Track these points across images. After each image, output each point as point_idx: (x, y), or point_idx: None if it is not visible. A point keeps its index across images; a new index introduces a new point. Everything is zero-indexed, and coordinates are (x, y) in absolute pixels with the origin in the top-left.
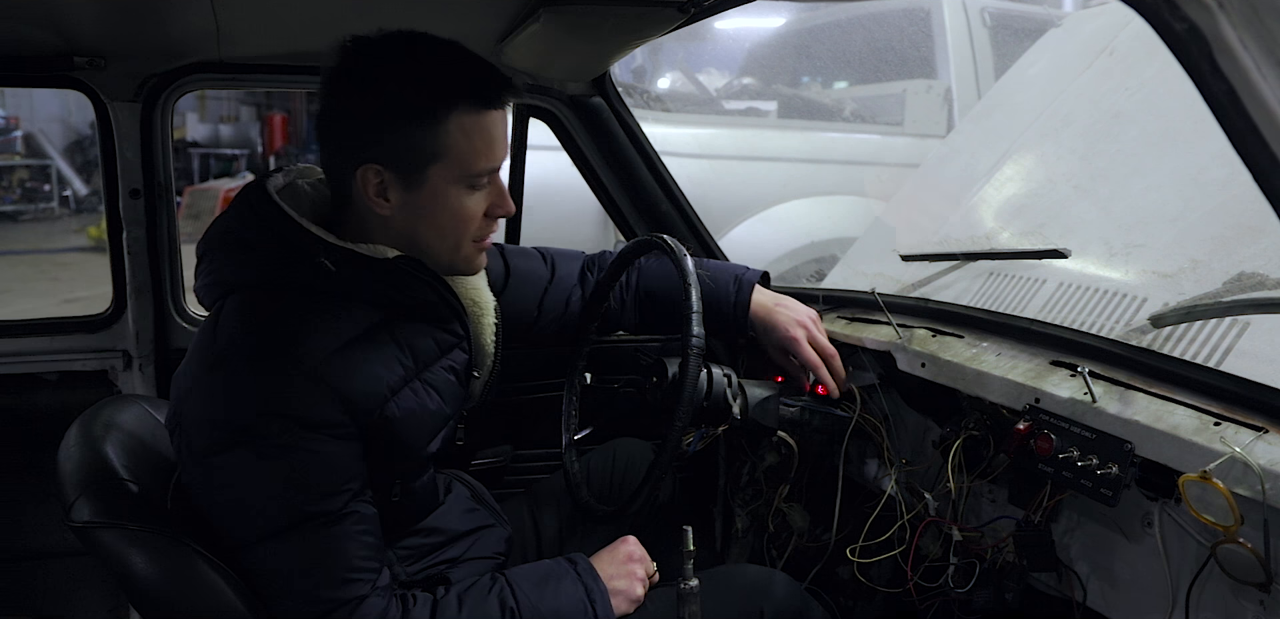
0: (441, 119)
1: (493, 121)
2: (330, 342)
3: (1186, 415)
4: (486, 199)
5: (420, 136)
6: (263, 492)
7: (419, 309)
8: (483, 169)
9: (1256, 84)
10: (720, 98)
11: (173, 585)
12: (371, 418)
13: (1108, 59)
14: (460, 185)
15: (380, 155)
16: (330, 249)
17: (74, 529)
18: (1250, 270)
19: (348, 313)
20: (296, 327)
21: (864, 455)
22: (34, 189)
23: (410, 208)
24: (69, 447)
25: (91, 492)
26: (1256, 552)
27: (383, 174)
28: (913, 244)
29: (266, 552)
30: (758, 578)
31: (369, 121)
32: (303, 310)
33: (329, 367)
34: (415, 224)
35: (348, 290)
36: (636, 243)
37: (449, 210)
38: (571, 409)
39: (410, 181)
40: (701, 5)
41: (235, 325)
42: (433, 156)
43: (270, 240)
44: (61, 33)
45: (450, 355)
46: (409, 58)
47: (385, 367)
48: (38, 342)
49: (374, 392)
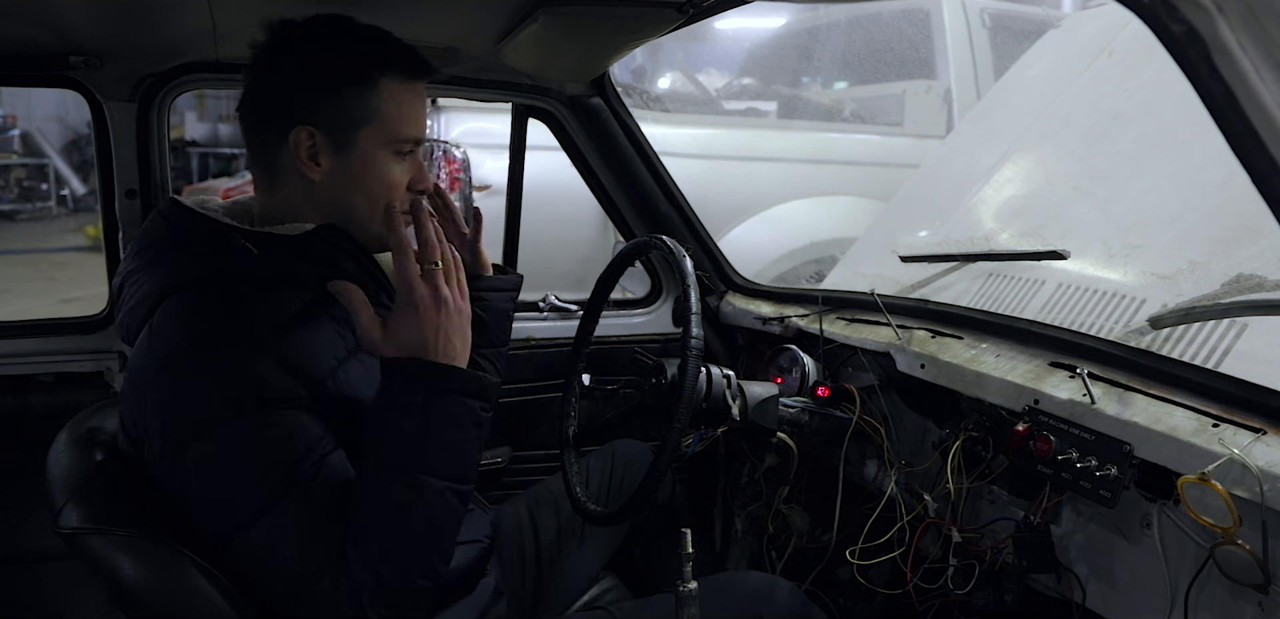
0: (373, 83)
1: (418, 93)
2: (270, 321)
3: (1185, 417)
4: (410, 170)
5: (352, 100)
6: (235, 477)
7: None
8: (409, 136)
9: (1254, 86)
10: (720, 98)
11: (162, 590)
12: (325, 387)
13: (1106, 60)
14: (387, 151)
15: (313, 118)
16: (247, 234)
17: (62, 535)
18: (1249, 272)
19: (278, 296)
20: (233, 311)
21: (864, 456)
22: (31, 188)
23: (340, 172)
24: (57, 453)
25: (79, 497)
26: (1255, 553)
27: (315, 136)
28: (912, 245)
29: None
30: (759, 585)
31: (303, 86)
32: (234, 297)
33: (276, 342)
34: (345, 189)
35: (273, 273)
36: (635, 243)
37: (376, 175)
38: (570, 410)
39: (341, 143)
40: (701, 6)
41: (172, 325)
42: (364, 119)
43: (188, 242)
44: (57, 32)
45: None
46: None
47: (325, 341)
48: (33, 343)
49: (321, 363)
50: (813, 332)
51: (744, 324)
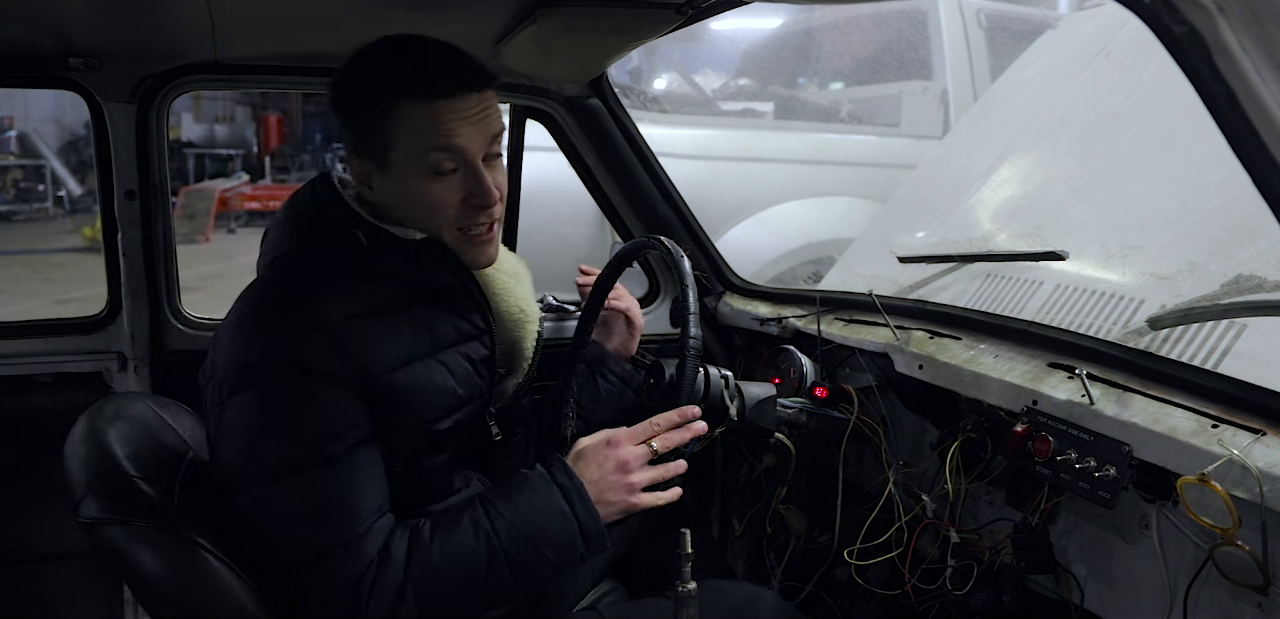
0: (386, 110)
1: (442, 110)
2: (347, 307)
3: (1184, 417)
4: (461, 187)
5: (374, 128)
6: (264, 433)
7: (439, 293)
8: (438, 155)
9: (1255, 87)
10: (717, 99)
11: (180, 582)
12: (378, 381)
13: (1104, 61)
14: (420, 171)
15: (354, 146)
16: (364, 224)
17: (81, 525)
18: (1248, 273)
19: (371, 286)
20: (318, 289)
21: (862, 457)
22: (29, 189)
23: (389, 192)
24: (75, 443)
25: (99, 488)
26: (1254, 554)
27: (362, 164)
28: (910, 246)
29: (267, 494)
30: (745, 596)
31: (340, 119)
32: (326, 276)
33: (341, 327)
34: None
35: (375, 266)
36: (634, 244)
37: (415, 196)
38: (568, 410)
39: (382, 166)
40: (699, 6)
41: (266, 285)
42: (388, 144)
43: (316, 215)
44: (56, 33)
45: (468, 344)
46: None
47: (398, 338)
48: (32, 343)
49: (382, 357)
50: (810, 332)
51: (741, 325)
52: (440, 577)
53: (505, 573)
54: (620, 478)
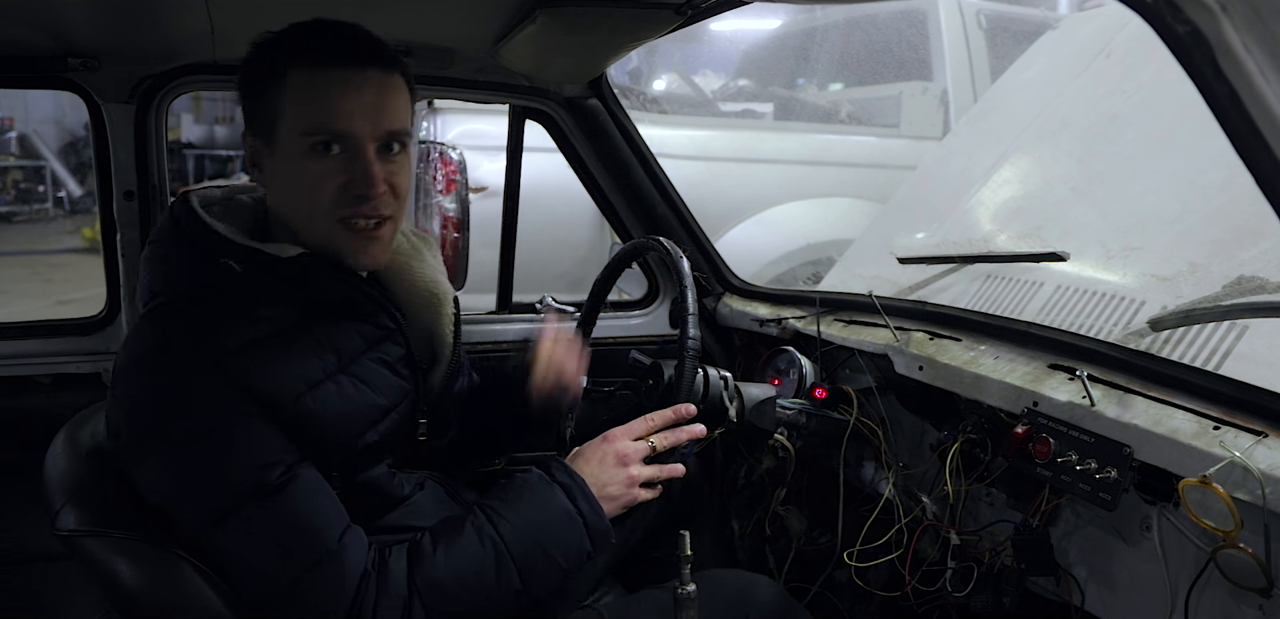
0: (280, 75)
1: (331, 82)
2: (236, 339)
3: (1186, 419)
4: (342, 171)
5: (267, 96)
6: (197, 482)
7: (337, 306)
8: (320, 127)
9: (1259, 87)
10: (716, 100)
11: (159, 592)
12: (285, 411)
13: (1105, 61)
14: (303, 145)
15: (249, 123)
16: (235, 249)
17: (60, 537)
18: (1250, 274)
19: (258, 314)
20: (202, 329)
21: (861, 458)
22: (28, 190)
23: (273, 175)
24: (55, 454)
25: (77, 499)
26: (1257, 556)
27: (253, 142)
28: (909, 247)
29: (220, 536)
30: (742, 584)
31: (241, 93)
32: (210, 314)
33: (234, 361)
34: (279, 193)
35: (257, 292)
36: (633, 245)
37: (295, 175)
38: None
39: (269, 144)
40: (699, 7)
41: (149, 331)
42: (278, 112)
43: (183, 247)
44: (55, 34)
45: (380, 348)
46: (268, 34)
47: (300, 363)
48: (31, 344)
49: (285, 385)
50: (810, 333)
51: (741, 326)
52: (448, 590)
53: (515, 580)
54: (620, 470)
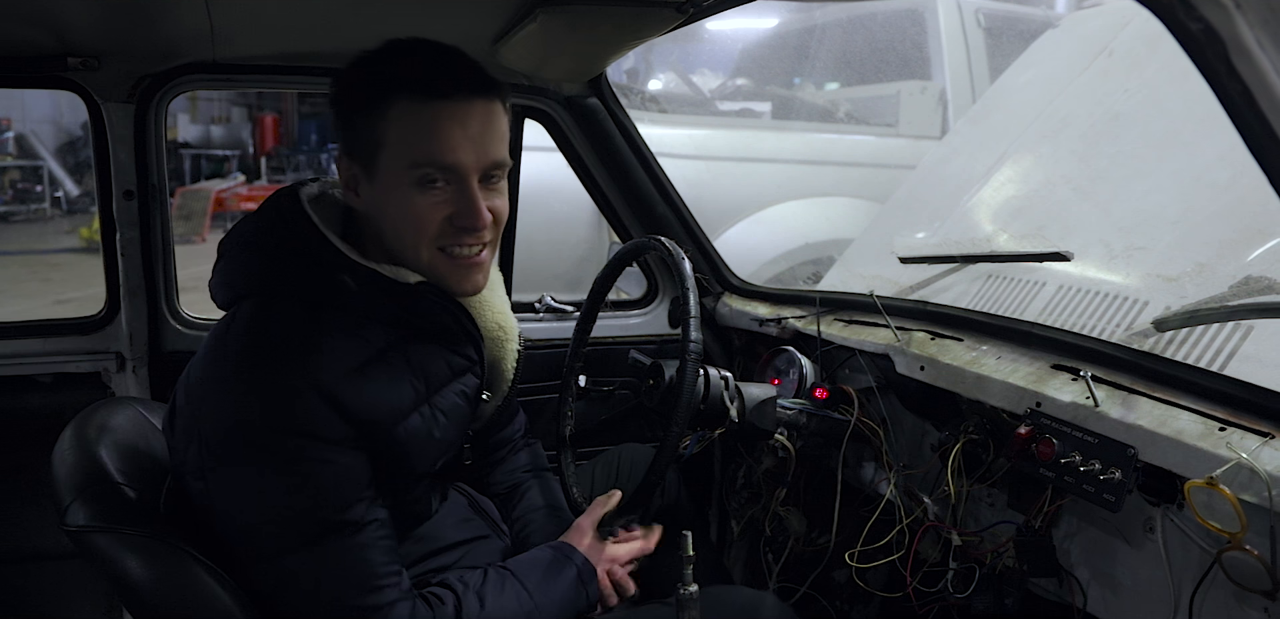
0: (381, 108)
1: (438, 114)
2: (344, 360)
3: (1191, 420)
4: (449, 203)
5: (368, 124)
6: (282, 504)
7: (434, 332)
8: (425, 160)
9: (1273, 84)
10: (714, 99)
11: (167, 589)
12: (380, 436)
13: (1107, 59)
14: (407, 177)
15: (346, 147)
16: (353, 268)
17: (68, 533)
18: (1258, 274)
19: (362, 332)
20: (311, 342)
21: (861, 459)
22: (26, 190)
23: (373, 202)
24: (63, 450)
25: (86, 495)
26: (1263, 559)
27: (351, 166)
28: (910, 246)
29: (291, 563)
30: (747, 601)
31: (336, 116)
32: (318, 325)
33: (342, 386)
34: (380, 222)
35: (365, 309)
36: (634, 244)
37: (399, 205)
38: (567, 411)
39: (369, 171)
40: (699, 5)
41: (251, 334)
42: (380, 144)
43: (293, 250)
44: (55, 33)
45: (462, 379)
46: (365, 57)
47: (396, 389)
48: (31, 343)
49: (384, 411)
50: (810, 333)
51: (740, 325)
52: None
53: None
54: None
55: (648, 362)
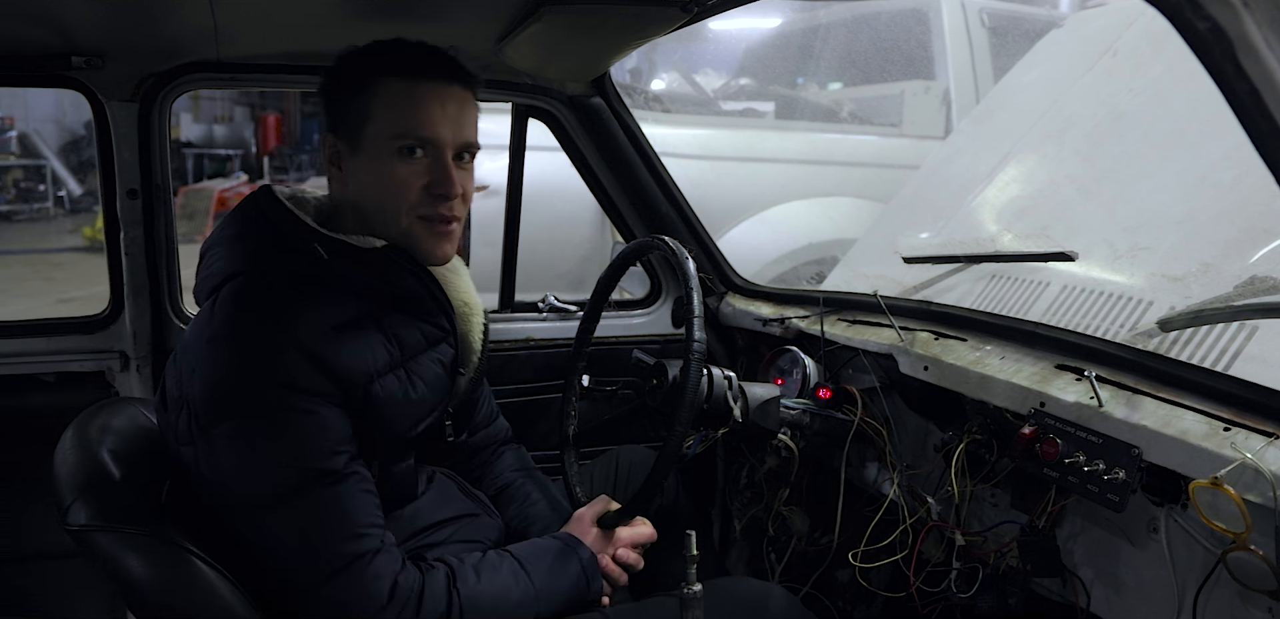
0: (372, 86)
1: (422, 93)
2: (320, 322)
3: (1195, 420)
4: (426, 173)
5: (358, 102)
6: (267, 457)
7: (404, 301)
8: (410, 132)
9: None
10: (718, 98)
11: (170, 588)
12: (357, 393)
13: (1111, 59)
14: (391, 147)
15: (333, 124)
16: (323, 238)
17: (70, 533)
18: (1263, 274)
19: (335, 299)
20: (287, 307)
21: (865, 459)
22: (29, 189)
23: (356, 173)
24: (65, 450)
25: (88, 495)
26: (1268, 559)
27: (336, 143)
28: (913, 246)
29: (277, 516)
30: (755, 592)
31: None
32: (293, 294)
33: (321, 343)
34: (361, 188)
35: (336, 279)
36: (637, 244)
37: (382, 173)
38: (570, 410)
39: (354, 144)
40: (703, 5)
41: (231, 307)
42: (366, 116)
43: (266, 232)
44: (59, 32)
45: (437, 349)
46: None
47: (371, 350)
48: (35, 342)
49: (360, 369)
50: (813, 333)
51: (743, 325)
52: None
53: None
54: None
55: (651, 361)
